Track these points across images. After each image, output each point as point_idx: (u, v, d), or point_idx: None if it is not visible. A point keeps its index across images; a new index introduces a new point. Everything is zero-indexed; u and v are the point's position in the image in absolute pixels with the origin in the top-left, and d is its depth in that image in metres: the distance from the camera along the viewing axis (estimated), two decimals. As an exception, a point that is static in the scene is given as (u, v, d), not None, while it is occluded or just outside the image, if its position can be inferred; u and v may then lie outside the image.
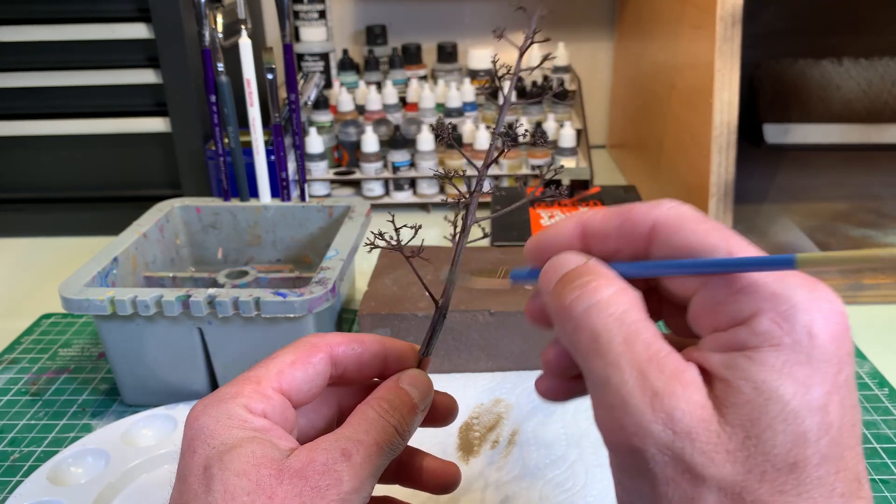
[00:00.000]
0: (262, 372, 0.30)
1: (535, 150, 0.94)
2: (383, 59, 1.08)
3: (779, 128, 1.09)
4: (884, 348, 0.62)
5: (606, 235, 0.27)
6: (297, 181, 0.71)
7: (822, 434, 0.22)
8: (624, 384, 0.23)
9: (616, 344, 0.23)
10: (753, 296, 0.23)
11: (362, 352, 0.32)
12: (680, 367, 0.23)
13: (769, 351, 0.22)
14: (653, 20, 0.92)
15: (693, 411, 0.22)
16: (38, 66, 0.83)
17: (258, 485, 0.26)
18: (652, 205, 0.26)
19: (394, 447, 0.30)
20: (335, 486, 0.27)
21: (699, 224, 0.25)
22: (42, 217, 0.89)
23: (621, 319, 0.24)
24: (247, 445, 0.27)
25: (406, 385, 0.31)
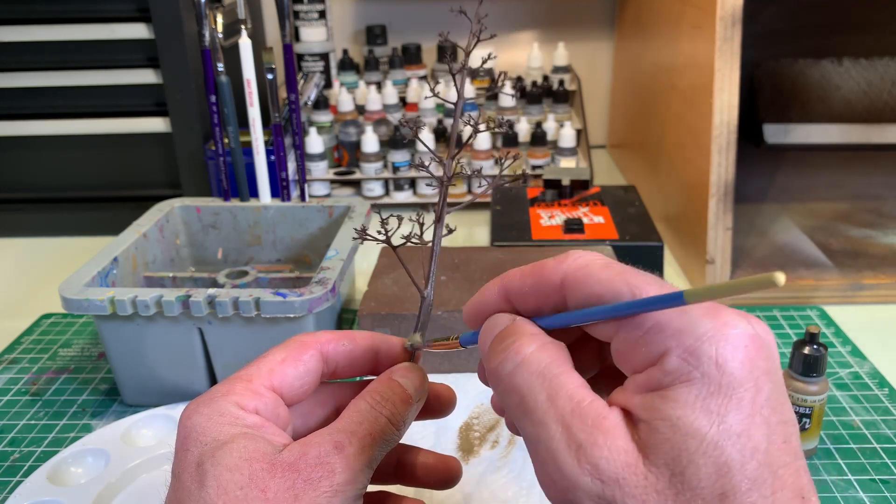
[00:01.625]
0: (254, 370, 0.30)
1: (535, 150, 0.94)
2: (383, 59, 1.08)
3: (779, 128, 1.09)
4: (884, 348, 0.62)
5: (525, 294, 0.28)
6: (297, 181, 0.71)
7: (746, 459, 0.22)
8: (550, 440, 0.24)
9: (541, 402, 0.24)
10: (660, 335, 0.23)
11: (353, 348, 0.32)
12: (601, 413, 0.24)
13: (681, 388, 0.22)
14: (653, 20, 0.92)
15: (617, 458, 0.23)
16: (38, 66, 0.83)
17: (251, 479, 0.26)
18: (560, 259, 0.27)
19: (388, 438, 0.29)
20: (328, 478, 0.27)
21: (603, 272, 0.25)
22: (42, 217, 0.89)
23: (543, 375, 0.25)
24: (239, 441, 0.27)
25: (398, 377, 0.31)
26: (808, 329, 0.47)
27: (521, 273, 0.28)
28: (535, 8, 1.15)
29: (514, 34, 1.16)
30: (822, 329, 0.65)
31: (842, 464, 0.49)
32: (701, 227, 0.70)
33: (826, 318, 0.67)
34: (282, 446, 0.28)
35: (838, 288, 0.70)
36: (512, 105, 0.99)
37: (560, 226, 0.74)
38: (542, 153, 0.94)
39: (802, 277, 0.71)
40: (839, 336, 0.64)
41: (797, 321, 0.66)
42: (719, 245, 0.69)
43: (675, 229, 0.81)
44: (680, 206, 0.79)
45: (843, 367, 0.59)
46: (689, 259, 0.75)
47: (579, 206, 0.79)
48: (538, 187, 0.85)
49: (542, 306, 0.28)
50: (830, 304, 0.69)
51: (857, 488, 0.47)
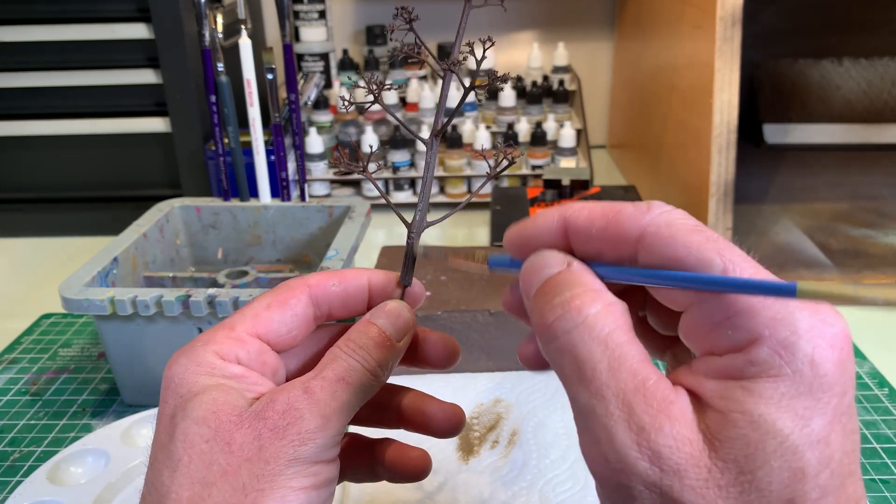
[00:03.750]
0: (237, 318, 0.29)
1: (535, 150, 0.94)
2: (383, 59, 1.08)
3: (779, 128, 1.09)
4: (884, 348, 0.62)
5: (590, 236, 0.25)
6: (297, 181, 0.71)
7: (821, 468, 0.21)
8: (609, 417, 0.22)
9: (600, 372, 0.22)
10: (752, 321, 0.22)
11: (345, 287, 0.31)
12: (668, 397, 0.22)
13: (767, 382, 0.21)
14: (653, 20, 0.92)
15: (681, 448, 0.21)
16: (38, 66, 0.83)
17: (217, 431, 0.26)
18: (641, 209, 0.24)
19: (364, 384, 0.28)
20: (295, 425, 0.26)
21: (692, 235, 0.23)
22: (42, 217, 0.89)
23: (606, 343, 0.23)
24: (209, 392, 0.27)
25: (376, 318, 0.30)
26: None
27: (590, 212, 0.25)
28: (535, 8, 1.15)
29: (514, 34, 1.16)
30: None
31: (842, 464, 0.49)
32: (701, 227, 0.70)
33: (826, 318, 0.67)
34: (258, 396, 0.27)
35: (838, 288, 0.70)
36: (511, 104, 0.99)
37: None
38: (542, 153, 0.94)
39: (802, 277, 0.71)
40: (839, 336, 0.64)
41: (797, 321, 0.66)
42: (719, 245, 0.69)
43: (675, 229, 0.81)
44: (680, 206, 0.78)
45: (843, 367, 0.59)
46: (689, 259, 0.75)
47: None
48: (538, 187, 0.85)
49: (605, 253, 0.25)
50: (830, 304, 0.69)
51: (857, 488, 0.47)
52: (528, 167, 0.95)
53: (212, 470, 0.25)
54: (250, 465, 0.25)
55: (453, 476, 0.48)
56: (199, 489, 0.25)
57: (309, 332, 0.31)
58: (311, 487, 0.26)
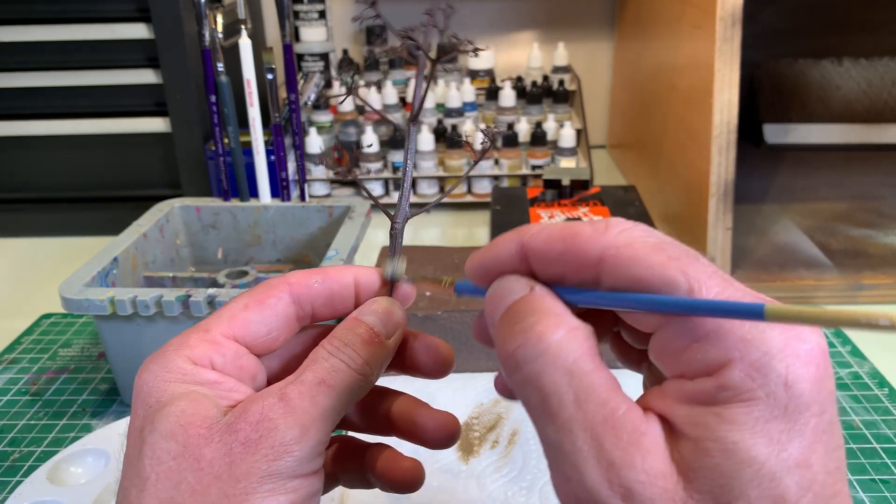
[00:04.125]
0: (213, 319, 0.27)
1: (535, 150, 0.94)
2: (383, 59, 1.08)
3: (779, 128, 1.09)
4: (884, 348, 0.62)
5: (550, 260, 0.24)
6: (297, 181, 0.71)
7: (803, 493, 0.20)
8: (577, 453, 0.21)
9: (567, 404, 0.21)
10: (722, 342, 0.21)
11: (329, 285, 0.29)
12: (639, 428, 0.21)
13: (740, 407, 0.20)
14: (653, 20, 0.92)
15: (654, 482, 0.20)
16: (38, 66, 0.83)
17: (185, 447, 0.24)
18: (599, 229, 0.23)
19: (350, 386, 0.26)
20: (269, 437, 0.24)
21: (654, 254, 0.22)
22: (42, 217, 0.89)
23: (571, 372, 0.21)
24: (177, 403, 0.25)
25: (364, 315, 0.28)
26: (808, 329, 0.47)
27: (548, 236, 0.24)
28: (535, 8, 1.15)
29: (514, 34, 1.16)
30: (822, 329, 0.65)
31: (842, 464, 0.49)
32: (701, 227, 0.70)
33: (826, 318, 0.67)
34: (235, 404, 0.25)
35: (838, 288, 0.70)
36: (511, 104, 0.99)
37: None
38: (542, 153, 0.94)
39: (802, 277, 0.71)
40: (839, 336, 0.64)
41: (797, 321, 0.66)
42: (719, 245, 0.69)
43: (675, 229, 0.81)
44: (680, 206, 0.79)
45: (843, 367, 0.59)
46: (689, 259, 0.75)
47: (579, 206, 0.79)
48: (538, 187, 0.85)
49: (567, 277, 0.24)
50: (830, 304, 0.69)
51: (857, 488, 0.47)
52: (528, 167, 0.95)
53: (180, 489, 0.24)
54: (220, 484, 0.23)
55: (453, 476, 0.48)
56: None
57: (292, 334, 0.29)
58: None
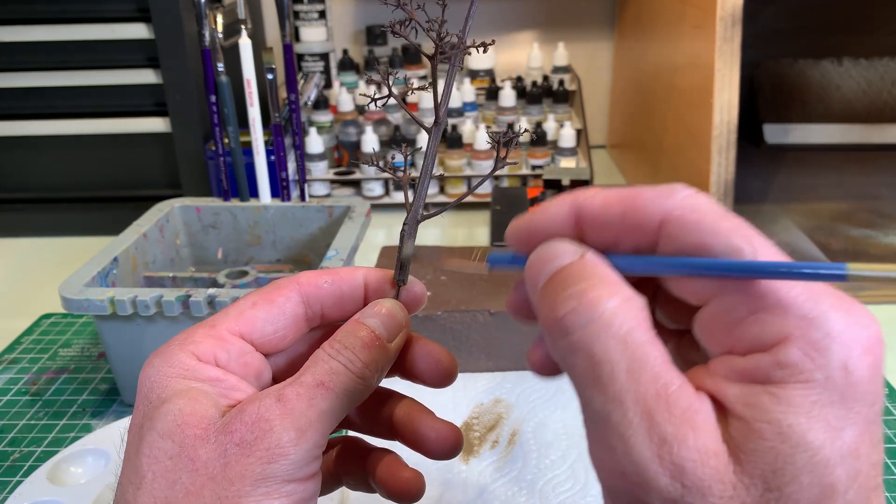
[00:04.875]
0: (220, 315, 0.27)
1: (535, 150, 0.94)
2: (383, 59, 1.08)
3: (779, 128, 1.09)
4: (884, 348, 0.62)
5: (606, 223, 0.23)
6: (297, 181, 0.71)
7: (850, 483, 0.19)
8: (627, 425, 0.20)
9: (619, 374, 0.20)
10: (781, 317, 0.20)
11: (339, 286, 0.29)
12: (692, 405, 0.20)
13: (797, 388, 0.19)
14: (653, 20, 0.92)
15: (706, 462, 0.19)
16: (38, 66, 0.83)
17: (181, 447, 0.24)
18: (664, 193, 0.22)
19: (349, 389, 0.26)
20: (264, 438, 0.23)
21: (720, 221, 0.21)
22: (42, 217, 0.89)
23: (625, 342, 0.20)
24: (176, 401, 0.24)
25: (366, 318, 0.27)
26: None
27: (606, 197, 0.23)
28: (535, 8, 1.15)
29: (514, 34, 1.16)
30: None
31: (842, 464, 0.49)
32: (701, 227, 0.70)
33: (826, 318, 0.67)
34: (235, 402, 0.25)
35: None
36: (511, 104, 0.99)
37: None
38: (542, 153, 0.94)
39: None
40: (839, 336, 0.64)
41: (797, 321, 0.66)
42: (719, 245, 0.69)
43: (675, 229, 0.81)
44: (680, 206, 0.79)
45: (843, 367, 0.59)
46: (689, 259, 0.75)
47: (579, 206, 0.79)
48: (538, 187, 0.85)
49: (622, 242, 0.23)
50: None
51: (857, 488, 0.46)
52: (528, 167, 0.95)
53: (174, 489, 0.23)
54: (214, 485, 0.23)
55: (453, 476, 0.48)
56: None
57: (300, 334, 0.29)
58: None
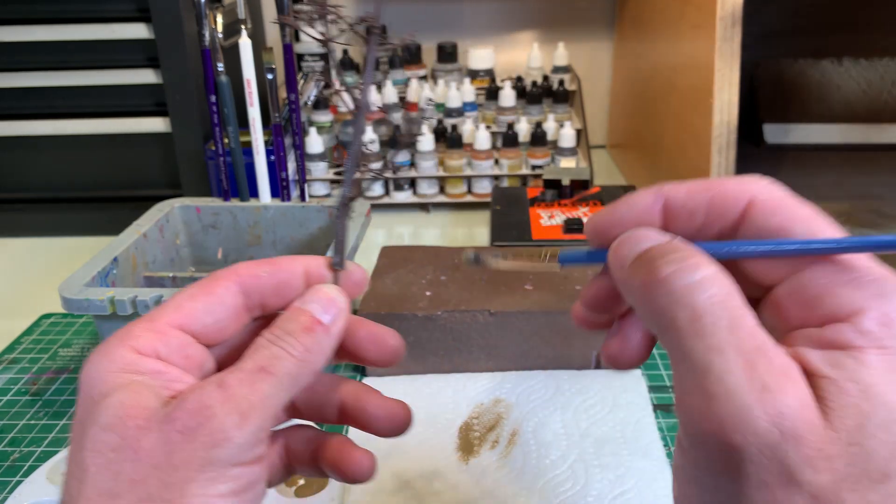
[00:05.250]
0: (159, 309, 0.28)
1: (535, 150, 0.94)
2: (383, 59, 1.08)
3: (779, 128, 1.09)
4: (884, 348, 0.62)
5: (693, 211, 0.24)
6: (297, 181, 0.71)
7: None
8: (729, 373, 0.21)
9: (721, 328, 0.21)
10: (858, 291, 0.22)
11: (278, 275, 0.29)
12: (787, 362, 0.21)
13: (877, 354, 0.21)
14: (653, 20, 0.92)
15: (802, 411, 0.21)
16: (38, 66, 0.83)
17: (124, 439, 0.24)
18: (746, 180, 0.24)
19: (292, 373, 0.26)
20: (206, 424, 0.24)
21: (800, 208, 0.24)
22: (42, 217, 0.89)
23: (724, 303, 0.22)
24: (116, 394, 0.25)
25: (306, 303, 0.28)
26: (808, 329, 0.47)
27: (691, 187, 0.25)
28: (535, 8, 1.15)
29: (514, 34, 1.16)
30: None
31: (842, 464, 0.49)
32: (701, 227, 0.70)
33: (826, 318, 0.67)
34: (177, 394, 0.25)
35: None
36: (511, 104, 0.99)
37: (560, 226, 0.74)
38: (542, 153, 0.94)
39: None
40: (839, 336, 0.64)
41: (797, 321, 0.66)
42: (719, 245, 0.69)
43: (675, 229, 0.81)
44: (680, 206, 0.79)
45: (843, 367, 0.59)
46: (689, 259, 0.75)
47: (579, 206, 0.79)
48: (538, 187, 0.85)
49: (706, 229, 0.24)
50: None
51: (857, 488, 0.46)
52: (528, 167, 0.95)
53: (119, 480, 0.24)
54: (158, 473, 0.23)
55: (453, 476, 0.48)
56: (106, 501, 0.23)
57: (241, 325, 0.29)
58: (230, 494, 0.24)
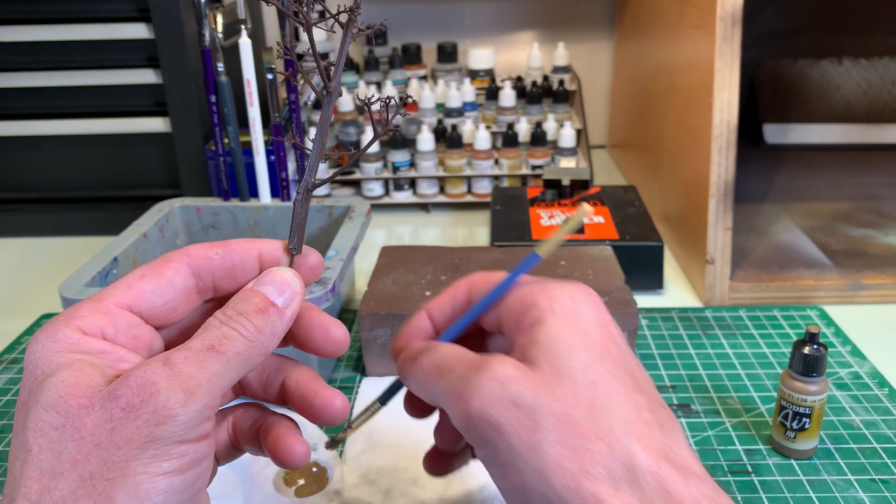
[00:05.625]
0: (108, 289, 0.27)
1: (535, 150, 0.94)
2: (383, 59, 1.08)
3: (779, 128, 1.09)
4: (884, 348, 0.62)
5: (444, 312, 0.36)
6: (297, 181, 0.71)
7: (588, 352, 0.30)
8: (463, 376, 0.30)
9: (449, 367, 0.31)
10: (529, 290, 0.32)
11: (230, 257, 0.29)
12: (497, 356, 0.30)
13: (550, 317, 0.31)
14: (653, 20, 0.92)
15: (509, 366, 0.29)
16: (38, 66, 0.83)
17: (66, 417, 0.24)
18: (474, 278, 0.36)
19: (241, 353, 0.26)
20: (150, 401, 0.24)
21: (494, 276, 0.35)
22: (42, 217, 0.89)
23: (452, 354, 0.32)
24: (59, 374, 0.24)
25: (260, 286, 0.28)
26: (808, 329, 0.47)
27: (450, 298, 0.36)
28: (535, 8, 1.15)
29: (514, 34, 1.16)
30: (822, 329, 0.65)
31: (842, 464, 0.49)
32: (701, 227, 0.70)
33: (826, 318, 0.67)
34: (122, 373, 0.25)
35: (838, 288, 0.70)
36: (511, 104, 0.99)
37: (560, 226, 0.74)
38: (542, 153, 0.94)
39: (802, 277, 0.71)
40: (839, 336, 0.64)
41: (797, 321, 0.66)
42: (719, 245, 0.69)
43: (675, 229, 0.81)
44: (680, 206, 0.79)
45: (843, 367, 0.59)
46: (689, 259, 0.75)
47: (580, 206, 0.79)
48: (538, 187, 0.85)
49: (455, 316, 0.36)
50: (830, 304, 0.69)
51: (857, 488, 0.47)
52: (528, 167, 0.95)
53: (61, 459, 0.23)
54: (100, 451, 0.23)
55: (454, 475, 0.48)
56: (48, 480, 0.23)
57: (192, 307, 0.29)
58: (174, 472, 0.24)
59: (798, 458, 0.49)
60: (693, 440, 0.51)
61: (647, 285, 0.72)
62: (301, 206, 0.30)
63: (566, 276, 0.60)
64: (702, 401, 0.55)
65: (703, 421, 0.53)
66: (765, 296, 0.70)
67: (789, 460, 0.49)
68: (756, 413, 0.54)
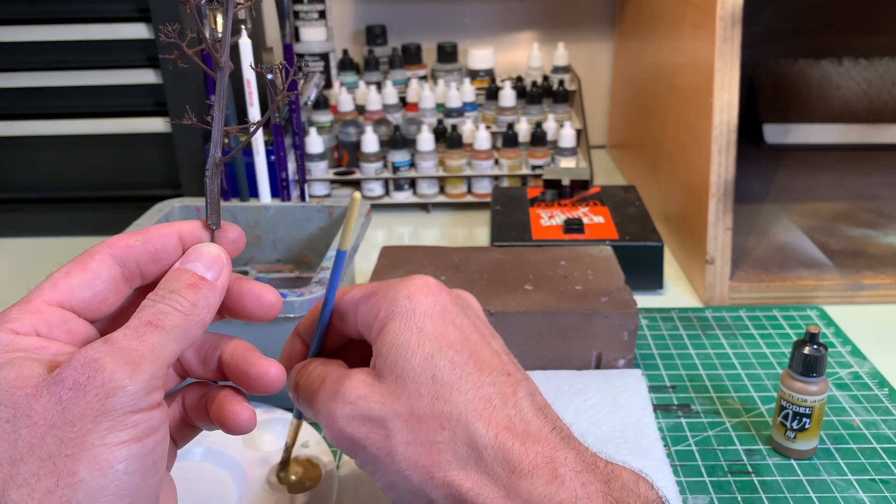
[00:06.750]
0: (35, 290, 0.28)
1: (535, 150, 0.94)
2: (383, 59, 1.08)
3: (779, 128, 1.09)
4: (884, 348, 0.62)
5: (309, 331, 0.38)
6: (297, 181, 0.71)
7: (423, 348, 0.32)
8: (322, 398, 0.33)
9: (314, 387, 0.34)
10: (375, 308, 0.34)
11: (151, 243, 0.30)
12: (355, 370, 0.33)
13: (387, 329, 0.33)
14: (653, 20, 0.92)
15: (359, 385, 0.32)
16: (38, 66, 0.83)
17: (16, 409, 0.24)
18: None
19: (180, 326, 0.27)
20: (97, 376, 0.24)
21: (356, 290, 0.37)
22: (42, 217, 0.89)
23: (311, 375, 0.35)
24: (1, 373, 0.25)
25: (187, 263, 0.30)
26: (808, 329, 0.47)
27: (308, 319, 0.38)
28: (535, 8, 1.15)
29: (514, 34, 1.17)
30: (822, 329, 0.65)
31: (842, 464, 0.49)
32: (701, 227, 0.70)
33: (826, 318, 0.67)
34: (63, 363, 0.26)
35: (838, 288, 0.70)
36: (511, 104, 0.99)
37: (560, 226, 0.74)
38: (542, 153, 0.94)
39: (802, 277, 0.71)
40: (839, 336, 0.64)
41: (797, 321, 0.66)
42: (719, 245, 0.69)
43: (675, 229, 0.81)
44: (680, 206, 0.79)
45: (843, 367, 0.59)
46: (689, 259, 0.75)
47: (579, 206, 0.79)
48: (538, 187, 0.85)
49: None
50: (830, 304, 0.69)
51: (857, 488, 0.47)
52: (528, 167, 0.95)
53: (17, 447, 0.24)
54: (55, 432, 0.24)
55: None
56: (8, 468, 0.24)
57: (122, 296, 0.30)
58: (131, 440, 0.25)
59: (798, 458, 0.49)
60: (693, 440, 0.51)
61: (647, 285, 0.72)
62: (211, 181, 0.31)
63: (566, 275, 0.60)
64: (702, 401, 0.55)
65: (703, 421, 0.53)
66: (765, 296, 0.70)
67: (789, 460, 0.49)
68: (756, 413, 0.54)
